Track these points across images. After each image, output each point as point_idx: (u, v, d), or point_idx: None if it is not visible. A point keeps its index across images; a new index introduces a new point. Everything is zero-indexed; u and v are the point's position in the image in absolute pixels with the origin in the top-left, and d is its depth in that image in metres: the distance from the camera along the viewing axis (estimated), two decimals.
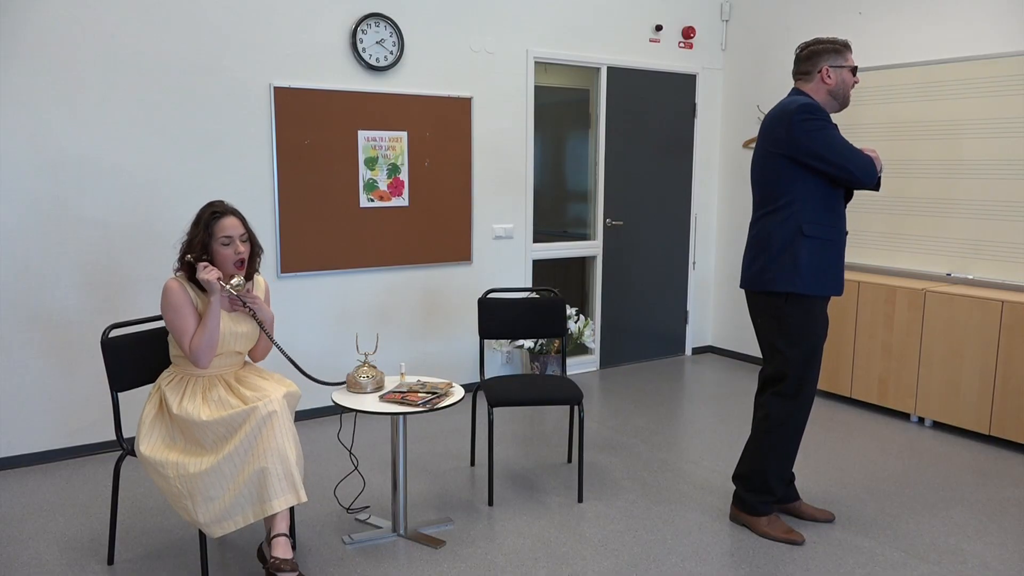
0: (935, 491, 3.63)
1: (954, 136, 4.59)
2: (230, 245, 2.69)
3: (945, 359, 4.38)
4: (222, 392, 2.72)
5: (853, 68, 3.02)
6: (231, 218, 2.71)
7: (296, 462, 2.61)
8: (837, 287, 3.03)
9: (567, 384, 3.63)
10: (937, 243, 4.72)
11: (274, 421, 2.58)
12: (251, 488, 2.54)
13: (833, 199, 2.99)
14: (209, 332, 2.67)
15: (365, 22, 4.48)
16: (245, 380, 2.81)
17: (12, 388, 3.81)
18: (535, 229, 5.34)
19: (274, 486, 2.53)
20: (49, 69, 3.72)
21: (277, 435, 2.57)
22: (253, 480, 2.54)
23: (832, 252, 2.99)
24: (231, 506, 2.55)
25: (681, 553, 3.04)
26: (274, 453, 2.55)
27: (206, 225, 2.69)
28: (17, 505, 3.44)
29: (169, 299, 2.69)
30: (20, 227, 3.74)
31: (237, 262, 2.72)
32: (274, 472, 2.54)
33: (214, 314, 2.67)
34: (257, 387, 2.77)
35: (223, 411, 2.63)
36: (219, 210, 2.71)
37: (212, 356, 2.71)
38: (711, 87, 5.99)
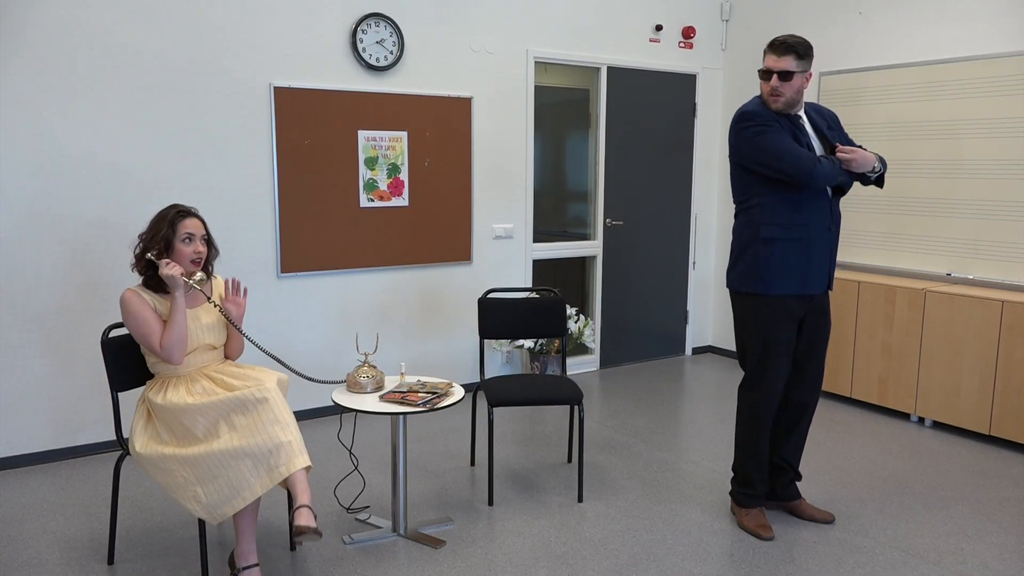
0: (935, 491, 3.63)
1: (954, 136, 4.59)
2: (191, 244, 2.76)
3: (945, 359, 4.38)
4: (205, 384, 2.74)
5: (760, 71, 3.04)
6: (194, 219, 2.81)
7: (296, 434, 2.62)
8: (801, 286, 3.07)
9: (567, 384, 3.63)
10: (937, 243, 4.72)
11: (269, 402, 2.59)
12: (256, 459, 2.54)
13: (799, 198, 3.02)
14: (177, 327, 2.70)
15: (365, 22, 4.48)
16: (228, 371, 2.84)
17: (12, 388, 3.81)
18: (535, 229, 5.34)
19: (283, 453, 2.54)
20: (49, 69, 3.72)
21: (275, 410, 2.59)
22: (257, 451, 2.53)
23: (794, 252, 3.03)
24: (237, 481, 2.54)
25: (681, 553, 3.04)
26: (274, 424, 2.56)
27: (171, 222, 2.76)
28: (17, 505, 3.44)
29: (128, 308, 2.74)
30: (20, 227, 3.74)
31: (196, 260, 2.78)
32: (277, 440, 2.54)
33: (179, 308, 2.71)
34: (244, 376, 2.79)
35: (210, 398, 2.65)
36: (183, 210, 2.81)
37: (184, 351, 2.74)
38: (711, 87, 5.99)
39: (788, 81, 2.96)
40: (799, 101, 3.04)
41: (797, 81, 2.97)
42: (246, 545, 2.67)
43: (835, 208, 3.13)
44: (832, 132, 3.14)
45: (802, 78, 2.99)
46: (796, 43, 2.97)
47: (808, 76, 3.02)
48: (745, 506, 3.26)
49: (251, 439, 2.55)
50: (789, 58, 2.95)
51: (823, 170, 2.94)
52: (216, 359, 2.89)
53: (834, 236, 3.14)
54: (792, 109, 3.03)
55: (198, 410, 2.63)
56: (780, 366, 3.14)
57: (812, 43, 3.08)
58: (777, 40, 2.99)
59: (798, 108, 3.06)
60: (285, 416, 2.61)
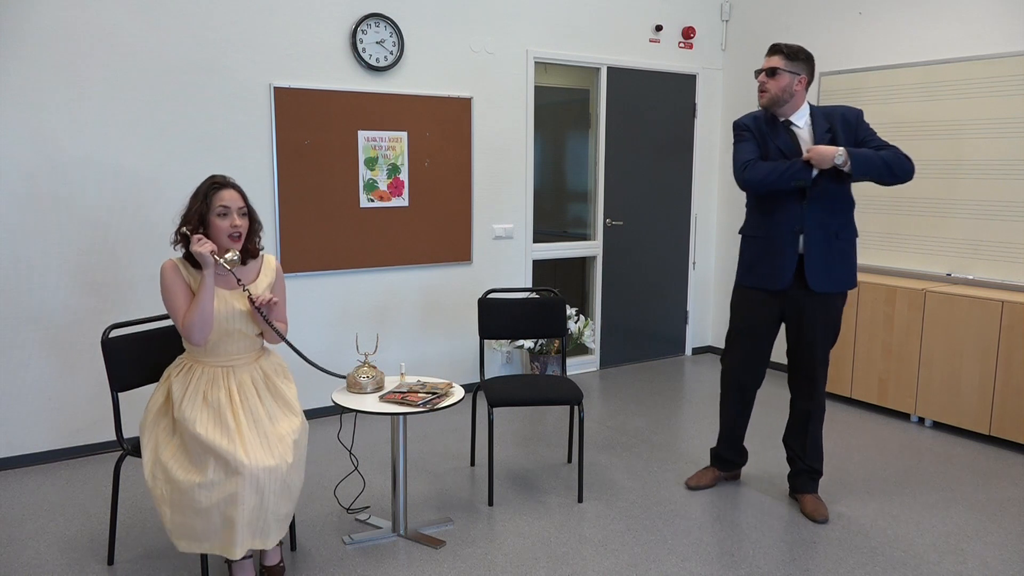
0: (935, 491, 3.63)
1: (955, 136, 4.59)
2: (227, 216, 2.60)
3: (945, 359, 4.38)
4: (223, 398, 2.61)
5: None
6: (230, 190, 2.64)
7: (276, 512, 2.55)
8: (761, 280, 3.31)
9: (567, 384, 3.63)
10: (937, 243, 4.72)
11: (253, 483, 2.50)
12: (220, 526, 2.50)
13: (765, 201, 3.26)
14: (201, 307, 2.56)
15: (365, 22, 4.48)
16: (251, 398, 2.66)
17: (13, 388, 3.81)
18: (535, 229, 5.34)
19: (240, 533, 2.49)
20: (50, 69, 3.72)
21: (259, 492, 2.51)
22: (225, 520, 2.49)
23: (759, 249, 3.31)
24: (201, 533, 2.52)
25: (681, 553, 3.04)
26: (250, 505, 2.49)
27: (204, 196, 2.62)
28: (17, 505, 3.44)
29: (163, 280, 2.63)
30: (21, 227, 3.74)
31: (234, 235, 2.63)
32: (241, 521, 2.48)
33: (206, 288, 2.56)
34: (258, 419, 2.63)
35: (215, 429, 2.54)
36: (219, 182, 2.65)
37: (206, 333, 2.60)
38: (711, 87, 5.99)
39: (773, 78, 3.16)
40: (787, 102, 3.18)
41: (784, 80, 3.15)
42: None
43: (810, 211, 3.17)
44: (847, 134, 3.17)
45: (791, 79, 3.16)
46: (785, 45, 3.19)
47: (801, 80, 3.18)
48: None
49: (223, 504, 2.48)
50: (776, 57, 3.18)
51: (753, 175, 3.17)
52: (252, 348, 2.75)
53: (814, 238, 3.18)
54: (779, 109, 3.20)
55: (196, 441, 2.53)
56: (741, 348, 3.46)
57: (812, 43, 3.14)
58: (773, 44, 3.25)
59: (791, 112, 3.20)
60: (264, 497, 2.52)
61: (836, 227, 3.20)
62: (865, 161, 3.07)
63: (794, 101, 3.19)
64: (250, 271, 2.77)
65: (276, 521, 2.59)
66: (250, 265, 2.77)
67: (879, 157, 3.09)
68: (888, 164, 3.09)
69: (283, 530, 2.65)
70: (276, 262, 2.88)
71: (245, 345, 2.73)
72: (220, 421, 2.57)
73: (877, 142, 3.17)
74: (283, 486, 2.57)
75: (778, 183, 3.14)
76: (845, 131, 3.18)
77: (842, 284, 3.26)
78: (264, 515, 2.54)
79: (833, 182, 3.14)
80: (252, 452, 2.53)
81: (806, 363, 3.36)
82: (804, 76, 3.18)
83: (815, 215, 3.17)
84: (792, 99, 3.18)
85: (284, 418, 2.70)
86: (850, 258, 3.27)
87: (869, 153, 3.09)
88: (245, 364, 2.73)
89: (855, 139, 3.17)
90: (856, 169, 3.07)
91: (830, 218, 3.19)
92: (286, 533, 2.74)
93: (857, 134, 3.19)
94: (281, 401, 2.74)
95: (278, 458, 2.56)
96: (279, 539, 2.63)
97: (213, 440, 2.51)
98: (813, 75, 3.24)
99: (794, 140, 3.20)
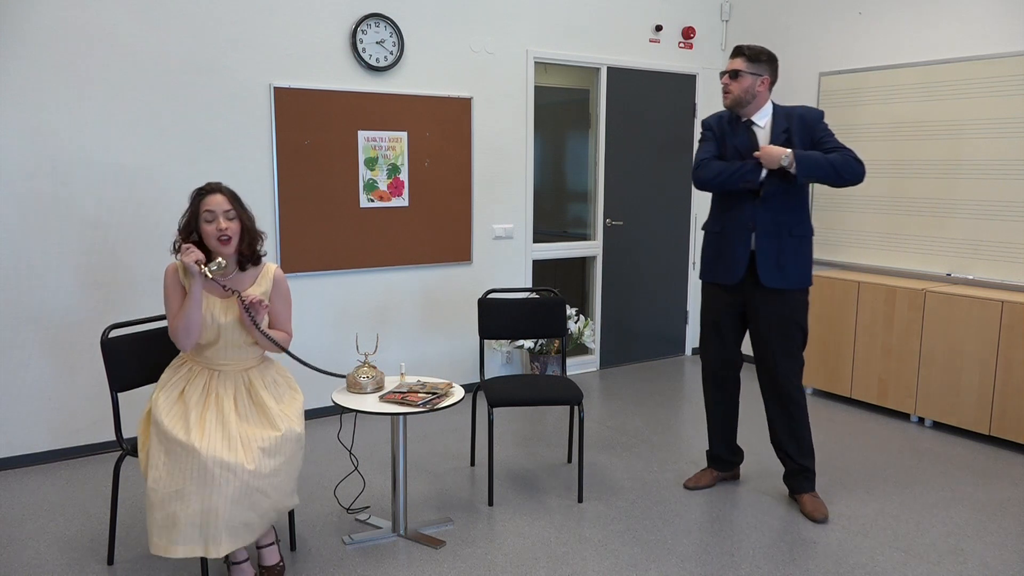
0: (935, 491, 3.63)
1: (954, 136, 4.59)
2: (213, 222, 2.60)
3: (945, 359, 4.38)
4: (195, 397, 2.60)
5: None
6: (215, 195, 2.64)
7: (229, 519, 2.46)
8: (714, 275, 3.42)
9: (567, 384, 3.63)
10: (937, 243, 4.72)
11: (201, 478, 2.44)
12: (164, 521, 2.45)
13: (725, 198, 3.36)
14: (186, 315, 2.57)
15: (365, 22, 4.48)
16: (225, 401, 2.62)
17: (12, 388, 3.81)
18: (535, 229, 5.34)
19: (182, 532, 2.43)
20: (50, 69, 3.72)
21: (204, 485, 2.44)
22: (166, 516, 2.44)
23: (713, 245, 3.43)
24: (152, 528, 2.47)
25: (681, 554, 3.04)
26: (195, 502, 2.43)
27: (192, 202, 2.66)
28: (17, 505, 3.44)
29: (164, 282, 2.68)
30: (21, 227, 3.74)
31: (222, 238, 2.61)
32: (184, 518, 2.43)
33: (192, 297, 2.57)
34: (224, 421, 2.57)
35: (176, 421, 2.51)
36: (205, 188, 2.67)
37: (191, 341, 2.60)
38: (711, 87, 5.98)
39: (736, 80, 3.24)
40: (750, 103, 3.26)
41: (746, 81, 3.23)
42: None
43: (763, 209, 3.25)
44: (803, 134, 3.22)
45: (753, 80, 3.23)
46: (747, 47, 3.26)
47: (764, 81, 3.25)
48: None
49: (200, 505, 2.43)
50: (739, 59, 3.26)
51: (703, 174, 3.31)
52: (243, 357, 2.71)
53: (765, 235, 3.25)
54: (742, 109, 3.28)
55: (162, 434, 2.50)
56: (711, 343, 3.54)
57: (812, 44, 3.16)
58: (736, 45, 3.31)
59: (754, 112, 3.28)
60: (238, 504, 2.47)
61: (789, 225, 3.27)
62: (811, 163, 3.12)
63: (756, 102, 3.26)
64: (246, 278, 2.74)
65: (229, 529, 2.46)
66: (248, 272, 2.75)
67: (826, 160, 3.12)
68: (835, 167, 3.12)
69: (240, 540, 2.51)
70: (277, 271, 2.83)
71: (235, 354, 2.70)
72: (184, 415, 2.56)
73: (832, 144, 3.20)
74: (242, 491, 2.47)
75: (728, 183, 3.27)
76: (801, 131, 3.23)
77: (794, 281, 3.29)
78: (214, 518, 2.43)
79: (784, 182, 3.20)
80: (208, 446, 2.47)
81: (763, 359, 3.40)
82: (767, 77, 3.25)
83: (767, 213, 3.25)
84: (755, 100, 3.25)
85: (258, 426, 2.62)
86: (804, 256, 3.31)
87: (816, 155, 3.13)
88: (232, 372, 2.70)
89: (811, 140, 3.22)
90: (801, 171, 3.12)
91: (782, 216, 3.26)
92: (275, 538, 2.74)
93: (814, 135, 3.23)
94: (261, 410, 2.67)
95: (237, 457, 2.49)
96: (233, 549, 2.50)
97: (171, 429, 2.49)
98: (776, 75, 3.30)
99: (753, 139, 3.27)
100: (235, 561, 2.70)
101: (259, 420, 2.65)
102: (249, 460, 2.51)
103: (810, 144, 3.22)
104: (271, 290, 2.78)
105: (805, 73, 5.36)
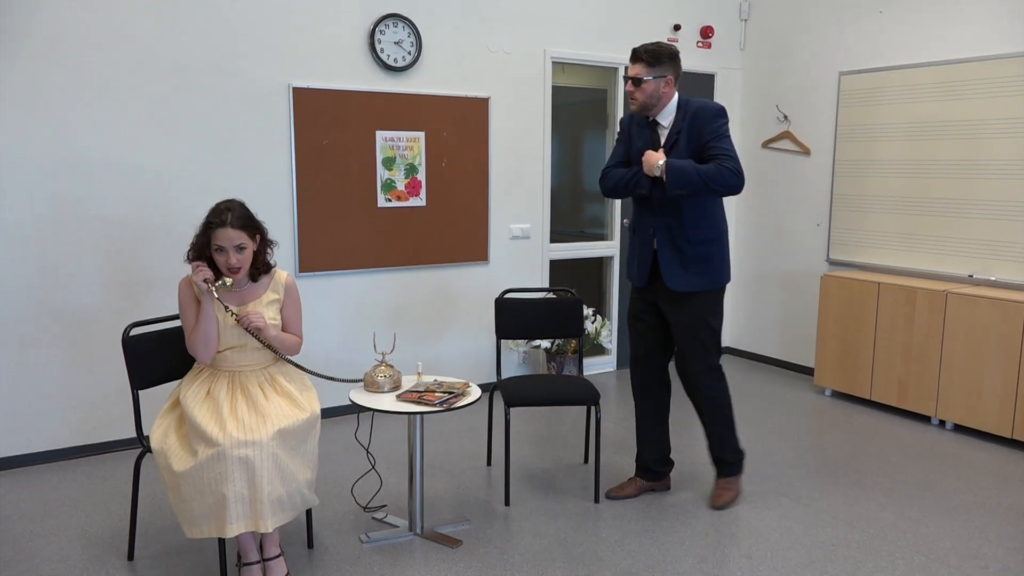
0: (956, 495, 3.59)
1: (974, 136, 4.54)
2: (222, 253, 2.70)
3: (967, 361, 4.33)
4: (223, 394, 2.69)
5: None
6: (225, 230, 2.68)
7: (270, 492, 2.54)
8: (634, 278, 3.42)
9: (584, 384, 3.62)
10: (958, 244, 4.67)
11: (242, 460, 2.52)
12: (214, 505, 2.52)
13: (636, 202, 3.36)
14: (202, 330, 2.70)
15: (383, 23, 4.50)
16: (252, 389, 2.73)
17: (34, 385, 3.85)
18: (552, 229, 5.33)
19: (232, 510, 2.51)
20: (70, 70, 3.76)
21: (247, 467, 2.52)
22: (216, 497, 2.51)
23: (630, 248, 3.44)
24: (198, 515, 2.55)
25: (699, 555, 3.03)
26: (239, 480, 2.51)
27: (203, 229, 2.74)
28: (39, 501, 3.48)
29: (178, 297, 2.79)
30: (42, 226, 3.79)
31: (232, 270, 2.72)
32: (233, 497, 2.50)
33: (205, 313, 2.70)
34: (261, 409, 2.67)
35: (208, 415, 2.61)
36: (215, 221, 2.70)
37: (209, 353, 2.73)
38: (730, 87, 5.96)
39: (639, 87, 3.14)
40: (655, 106, 3.18)
41: (649, 87, 3.14)
42: (245, 543, 2.71)
43: (660, 214, 3.22)
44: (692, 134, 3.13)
45: (656, 84, 3.14)
46: (645, 51, 3.14)
47: (668, 81, 3.15)
48: None
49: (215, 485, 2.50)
50: (639, 65, 3.15)
51: (604, 185, 3.35)
52: (263, 358, 2.82)
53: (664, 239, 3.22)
54: (650, 112, 3.21)
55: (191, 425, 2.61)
56: (634, 345, 3.53)
57: (832, 42, 3.11)
58: (633, 49, 3.18)
59: (658, 112, 3.20)
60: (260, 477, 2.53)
61: (685, 230, 3.20)
62: (680, 174, 3.06)
63: (662, 102, 3.18)
64: (259, 288, 2.84)
65: (271, 503, 2.56)
66: (261, 281, 2.85)
67: (696, 172, 3.05)
68: (705, 179, 3.05)
69: (279, 517, 2.60)
70: (289, 278, 2.93)
71: (254, 356, 2.81)
72: (215, 409, 2.65)
73: (716, 149, 3.09)
74: (273, 465, 2.57)
75: (625, 192, 3.29)
76: (691, 131, 3.14)
77: (699, 284, 3.24)
78: (258, 493, 2.52)
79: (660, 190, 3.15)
80: (239, 430, 2.56)
81: (678, 358, 3.41)
82: (670, 76, 3.15)
83: (662, 219, 3.23)
84: (660, 100, 3.17)
85: (282, 404, 2.73)
86: (708, 259, 3.24)
87: (687, 167, 3.06)
88: (254, 371, 2.81)
89: (699, 140, 3.13)
90: (670, 182, 3.07)
91: (676, 221, 3.20)
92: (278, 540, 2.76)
93: (702, 136, 3.13)
94: (282, 391, 2.78)
95: (267, 433, 2.57)
96: (276, 525, 2.59)
97: (203, 422, 2.58)
98: (679, 71, 3.19)
99: (656, 141, 3.23)
100: (246, 562, 2.72)
101: (283, 400, 2.76)
102: (275, 435, 2.60)
103: (697, 145, 3.12)
104: (284, 297, 2.89)
105: (824, 72, 5.32)
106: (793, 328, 5.72)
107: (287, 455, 2.63)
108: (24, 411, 3.85)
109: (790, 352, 5.78)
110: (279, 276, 2.90)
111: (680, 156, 3.12)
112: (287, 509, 2.65)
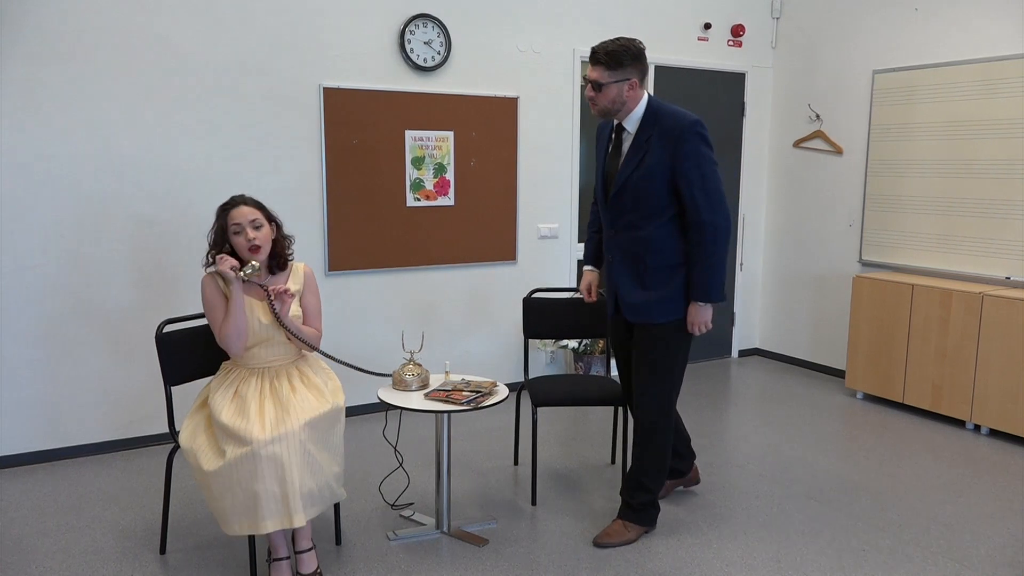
0: (991, 501, 3.53)
1: (1013, 135, 4.44)
2: (240, 233, 2.74)
3: (1003, 365, 4.25)
4: (252, 392, 2.72)
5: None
6: (240, 207, 2.77)
7: (300, 487, 2.58)
8: (608, 305, 3.22)
9: (611, 385, 3.61)
10: (995, 246, 4.58)
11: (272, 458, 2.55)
12: (246, 503, 2.56)
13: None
14: (234, 320, 2.71)
15: (413, 23, 4.52)
16: (282, 388, 2.75)
17: (70, 381, 3.93)
18: (580, 229, 5.32)
19: (265, 507, 2.54)
20: (106, 70, 3.83)
21: (277, 464, 2.55)
22: (248, 495, 2.55)
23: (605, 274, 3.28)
24: (230, 513, 2.58)
25: (727, 558, 3.00)
26: (270, 477, 2.54)
27: (219, 218, 2.79)
28: (74, 494, 3.55)
29: (202, 295, 2.80)
30: (77, 225, 3.86)
31: (253, 247, 2.75)
32: (265, 495, 2.53)
33: (234, 301, 2.71)
34: (286, 404, 2.69)
35: (236, 415, 2.64)
36: (228, 203, 2.80)
37: (241, 344, 2.74)
38: (761, 86, 5.90)
39: (600, 91, 2.89)
40: (619, 111, 2.93)
41: (611, 91, 2.88)
42: (275, 539, 2.74)
43: (616, 242, 3.05)
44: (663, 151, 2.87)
45: (618, 88, 2.88)
46: (604, 52, 2.86)
47: (632, 84, 2.89)
48: None
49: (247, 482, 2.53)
50: (598, 68, 2.88)
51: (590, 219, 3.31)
52: (289, 352, 2.84)
53: (619, 264, 3.05)
54: (613, 117, 2.98)
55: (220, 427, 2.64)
56: (619, 367, 3.40)
57: (865, 40, 2.95)
58: (592, 48, 2.91)
59: (624, 117, 2.96)
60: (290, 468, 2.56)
61: (642, 255, 2.98)
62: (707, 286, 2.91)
63: (628, 106, 2.92)
64: (278, 281, 2.88)
65: (303, 496, 2.60)
66: (279, 276, 2.89)
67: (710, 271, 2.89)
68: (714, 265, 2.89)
69: (311, 510, 2.64)
70: (307, 268, 2.98)
71: (282, 350, 2.83)
72: (243, 408, 2.67)
73: (687, 192, 2.86)
74: (303, 458, 2.60)
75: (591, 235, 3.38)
76: (662, 146, 2.88)
77: (653, 316, 2.98)
78: (290, 488, 2.55)
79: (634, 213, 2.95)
80: (267, 428, 2.59)
81: (636, 383, 3.10)
82: (634, 79, 2.88)
83: (623, 243, 3.03)
84: (625, 105, 2.92)
85: (308, 396, 2.76)
86: (669, 287, 2.96)
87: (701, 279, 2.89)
88: (282, 366, 2.83)
89: (672, 162, 2.87)
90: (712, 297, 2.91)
91: (643, 246, 2.97)
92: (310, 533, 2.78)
93: (676, 158, 2.87)
94: (309, 383, 2.82)
95: (294, 425, 2.61)
96: (308, 519, 2.63)
97: (231, 422, 2.61)
98: (645, 71, 2.92)
99: (607, 145, 3.09)
100: (276, 557, 2.74)
101: (311, 394, 2.79)
102: (303, 426, 2.64)
103: (669, 167, 2.87)
104: (304, 287, 2.93)
105: (858, 71, 5.25)
106: (824, 330, 5.65)
107: (316, 448, 2.67)
108: (61, 406, 3.93)
109: (821, 354, 5.71)
110: (297, 267, 2.95)
111: (649, 170, 2.88)
112: (317, 503, 2.69)
